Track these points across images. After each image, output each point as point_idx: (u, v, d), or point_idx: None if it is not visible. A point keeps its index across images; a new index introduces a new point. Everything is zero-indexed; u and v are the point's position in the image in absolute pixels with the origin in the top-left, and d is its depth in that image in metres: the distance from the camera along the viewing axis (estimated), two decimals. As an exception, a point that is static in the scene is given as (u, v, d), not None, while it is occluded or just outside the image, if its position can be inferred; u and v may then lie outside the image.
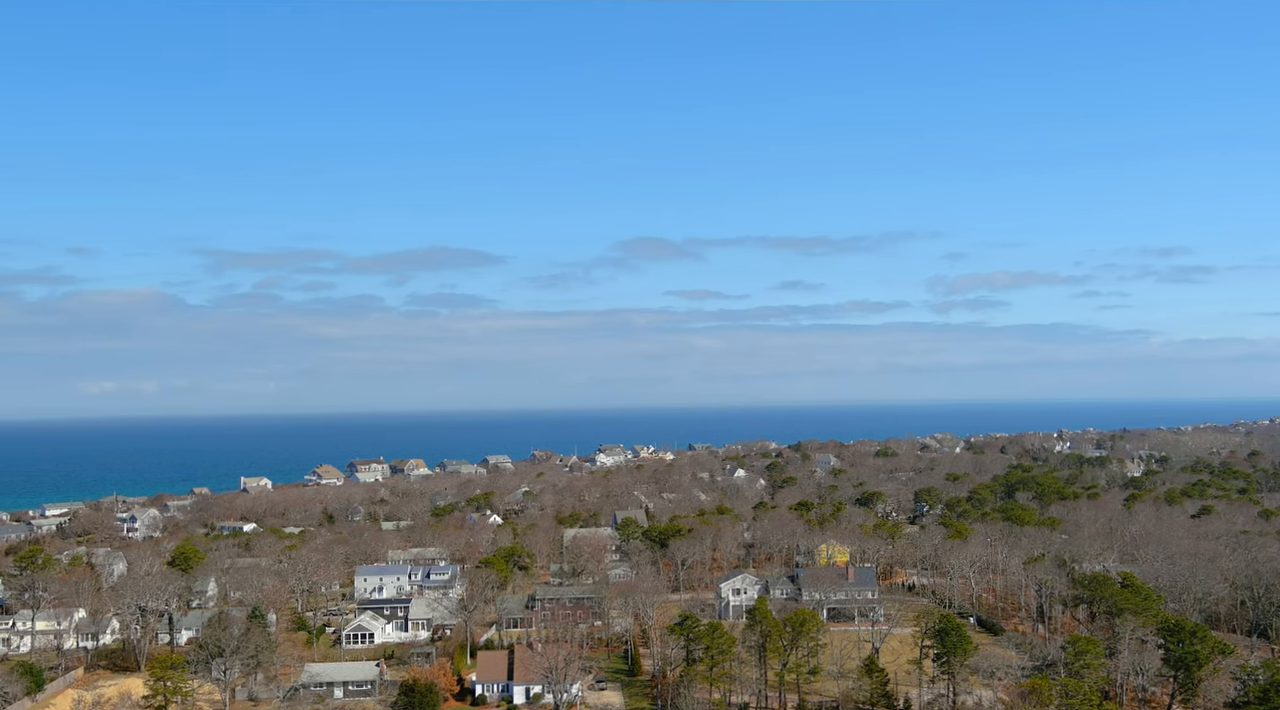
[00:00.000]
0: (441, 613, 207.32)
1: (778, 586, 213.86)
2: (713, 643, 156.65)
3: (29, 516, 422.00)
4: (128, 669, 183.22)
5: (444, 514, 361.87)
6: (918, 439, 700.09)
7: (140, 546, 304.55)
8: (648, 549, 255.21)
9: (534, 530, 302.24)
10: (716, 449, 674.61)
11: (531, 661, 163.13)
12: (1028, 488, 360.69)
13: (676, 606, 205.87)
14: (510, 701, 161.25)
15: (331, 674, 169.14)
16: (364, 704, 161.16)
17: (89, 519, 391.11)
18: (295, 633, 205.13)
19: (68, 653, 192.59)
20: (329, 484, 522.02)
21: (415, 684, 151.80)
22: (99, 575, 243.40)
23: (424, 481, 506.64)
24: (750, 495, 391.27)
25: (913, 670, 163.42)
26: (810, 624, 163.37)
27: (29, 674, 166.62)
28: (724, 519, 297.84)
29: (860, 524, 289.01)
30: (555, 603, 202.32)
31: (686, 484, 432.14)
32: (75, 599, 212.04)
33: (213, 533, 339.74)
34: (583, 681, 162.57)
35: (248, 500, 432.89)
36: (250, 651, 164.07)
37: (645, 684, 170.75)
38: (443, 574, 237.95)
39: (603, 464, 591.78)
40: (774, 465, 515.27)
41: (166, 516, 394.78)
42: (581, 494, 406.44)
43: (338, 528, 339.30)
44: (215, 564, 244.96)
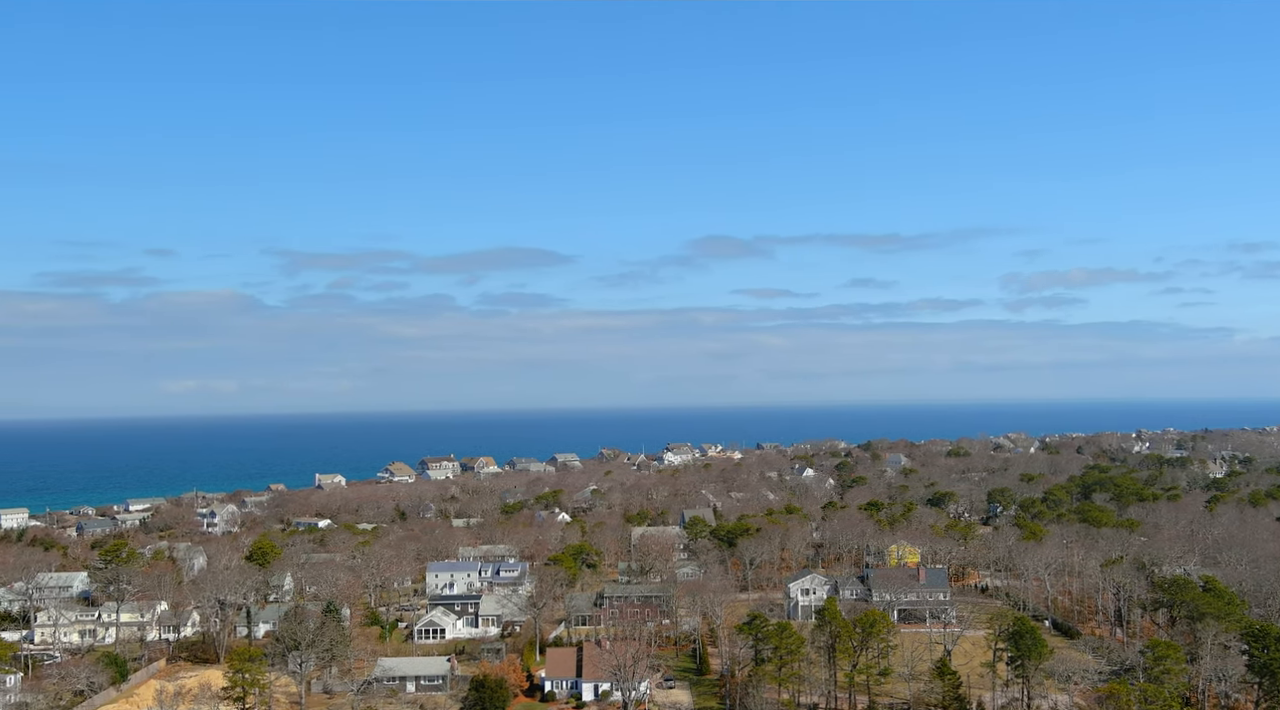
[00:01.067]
0: (511, 609, 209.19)
1: (847, 587, 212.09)
2: (781, 643, 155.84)
3: (114, 511, 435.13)
4: (207, 661, 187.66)
5: (513, 512, 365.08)
6: (991, 439, 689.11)
7: (219, 541, 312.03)
8: (715, 548, 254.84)
9: (602, 528, 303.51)
10: (785, 448, 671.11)
11: (600, 659, 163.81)
12: (1105, 489, 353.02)
13: (744, 606, 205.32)
14: (579, 698, 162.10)
15: (404, 668, 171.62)
16: (435, 698, 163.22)
17: (170, 514, 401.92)
18: (368, 627, 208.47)
19: (150, 644, 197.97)
20: (401, 481, 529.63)
21: (485, 679, 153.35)
22: (180, 569, 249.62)
23: (493, 479, 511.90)
24: (819, 495, 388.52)
25: (986, 673, 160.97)
26: (880, 625, 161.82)
27: (114, 664, 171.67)
28: (792, 519, 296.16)
29: (931, 525, 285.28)
30: (623, 601, 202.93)
31: (754, 483, 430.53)
32: (157, 592, 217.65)
33: (289, 528, 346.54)
34: (651, 679, 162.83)
35: (322, 497, 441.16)
36: (325, 645, 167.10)
37: (713, 683, 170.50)
38: (512, 571, 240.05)
39: (670, 463, 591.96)
40: (843, 465, 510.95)
41: (244, 512, 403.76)
42: (649, 493, 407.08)
43: (409, 524, 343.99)
44: (291, 559, 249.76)
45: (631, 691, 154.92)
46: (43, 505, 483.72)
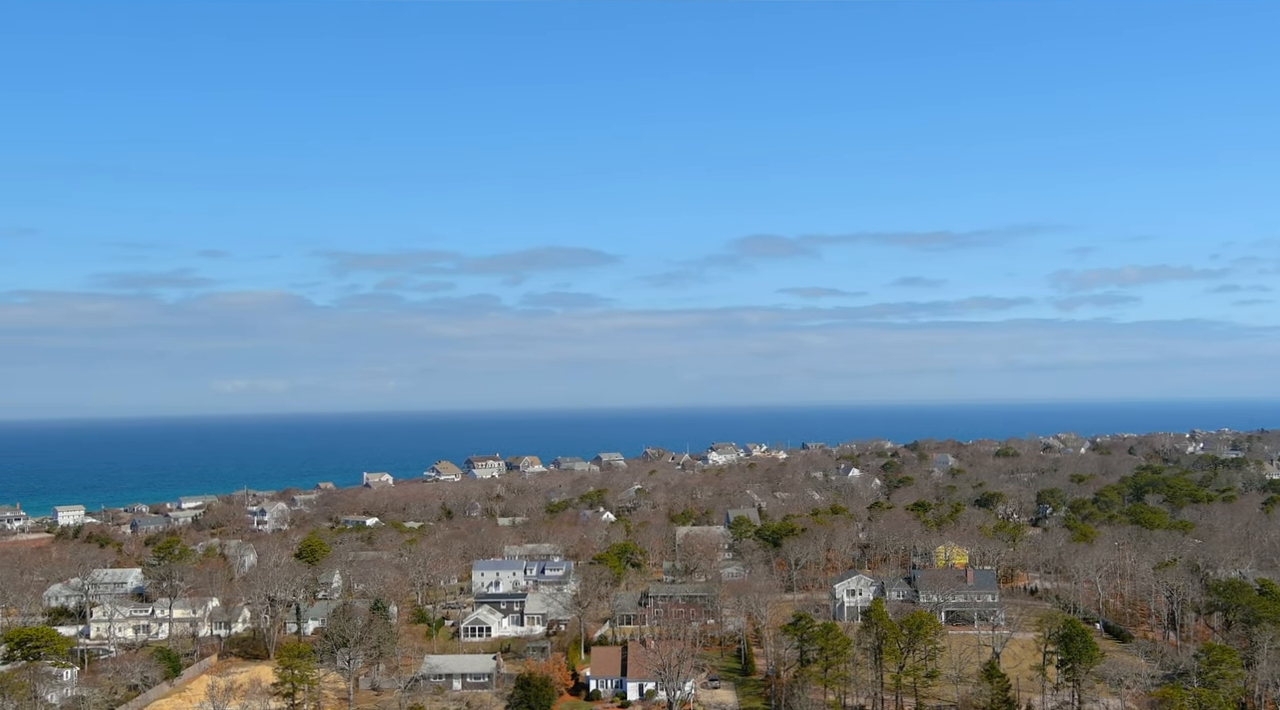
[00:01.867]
0: (556, 608, 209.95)
1: (894, 588, 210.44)
2: (827, 644, 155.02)
3: (166, 509, 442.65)
4: (258, 656, 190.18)
5: (558, 511, 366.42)
6: (1040, 439, 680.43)
7: (269, 539, 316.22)
8: (760, 548, 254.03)
9: (646, 528, 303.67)
10: (830, 448, 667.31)
11: (645, 658, 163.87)
12: (1158, 490, 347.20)
13: (790, 606, 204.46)
14: (624, 697, 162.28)
15: (450, 666, 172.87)
16: (481, 696, 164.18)
17: (222, 512, 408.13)
18: (415, 625, 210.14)
19: (202, 640, 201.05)
20: (447, 480, 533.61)
21: (531, 677, 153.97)
22: (231, 566, 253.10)
23: (538, 478, 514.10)
24: (865, 495, 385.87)
25: (1035, 676, 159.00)
26: (928, 626, 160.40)
27: (167, 660, 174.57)
28: (838, 519, 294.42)
29: (980, 525, 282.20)
30: (668, 600, 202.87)
31: (800, 483, 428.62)
32: (209, 588, 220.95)
33: (337, 526, 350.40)
34: (696, 679, 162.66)
35: (370, 495, 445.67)
36: (373, 642, 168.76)
37: (759, 683, 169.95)
38: (557, 570, 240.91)
39: (715, 462, 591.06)
40: (890, 465, 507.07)
41: (294, 510, 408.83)
42: (694, 492, 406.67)
43: (456, 523, 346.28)
44: (340, 557, 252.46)
45: (676, 691, 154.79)
46: (98, 502, 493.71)
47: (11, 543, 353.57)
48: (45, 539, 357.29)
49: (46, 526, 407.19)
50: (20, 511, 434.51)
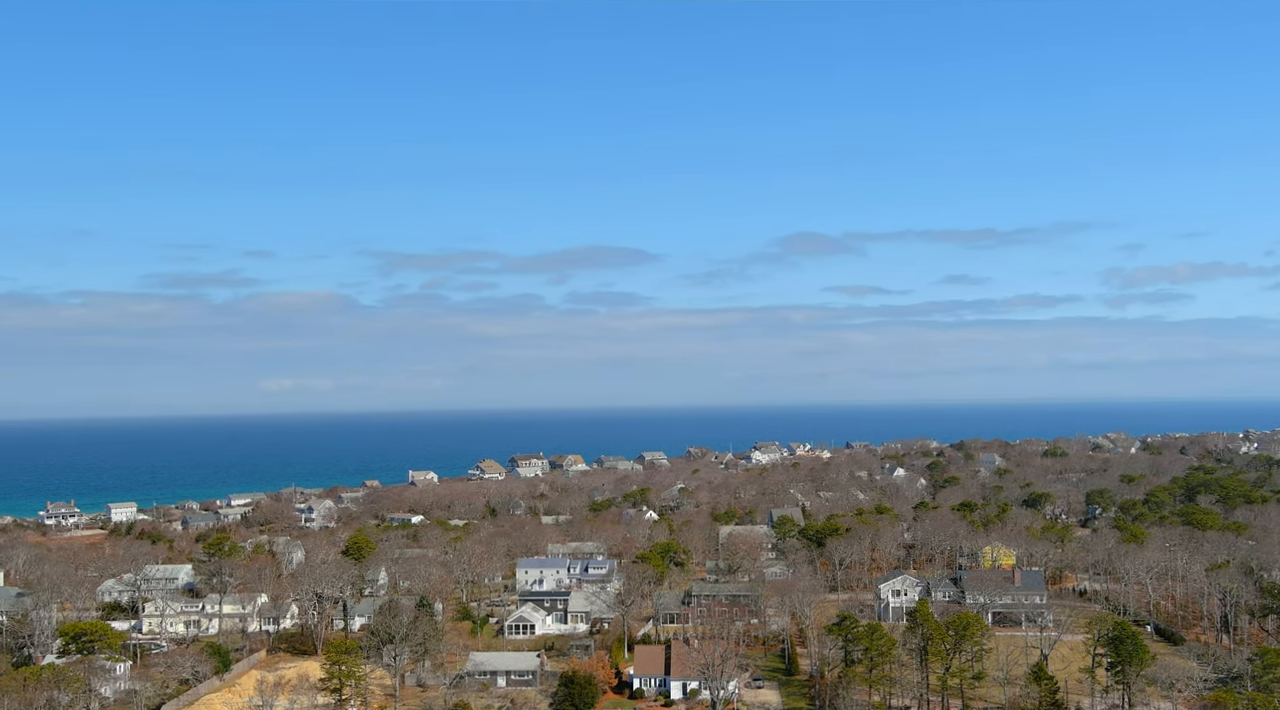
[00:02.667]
0: (599, 606, 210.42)
1: (939, 588, 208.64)
2: (872, 644, 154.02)
3: (216, 506, 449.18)
4: (305, 652, 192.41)
5: (601, 509, 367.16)
6: (1089, 438, 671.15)
7: (316, 536, 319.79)
8: (804, 548, 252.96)
9: (690, 527, 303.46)
10: (875, 447, 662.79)
11: (688, 657, 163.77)
12: (1210, 491, 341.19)
13: (834, 606, 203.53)
14: (667, 696, 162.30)
15: (495, 663, 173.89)
16: (526, 693, 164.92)
17: (270, 509, 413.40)
18: (460, 622, 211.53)
19: (251, 635, 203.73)
20: (491, 478, 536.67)
21: (575, 675, 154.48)
22: (279, 562, 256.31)
23: (582, 477, 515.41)
24: (910, 495, 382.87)
25: (1084, 679, 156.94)
26: (974, 628, 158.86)
27: (217, 654, 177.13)
28: (883, 519, 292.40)
29: (1027, 526, 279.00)
30: (711, 599, 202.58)
31: (844, 483, 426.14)
32: (258, 584, 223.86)
33: (383, 524, 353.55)
34: (739, 679, 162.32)
35: (415, 493, 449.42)
36: (419, 639, 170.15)
37: (803, 684, 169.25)
38: (600, 568, 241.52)
39: (758, 461, 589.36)
40: (935, 465, 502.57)
41: (340, 507, 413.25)
42: (737, 491, 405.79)
43: (500, 521, 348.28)
44: (385, 554, 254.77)
45: (720, 690, 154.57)
46: (150, 499, 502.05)
47: (66, 539, 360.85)
48: (99, 535, 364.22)
49: (100, 523, 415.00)
50: (75, 508, 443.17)
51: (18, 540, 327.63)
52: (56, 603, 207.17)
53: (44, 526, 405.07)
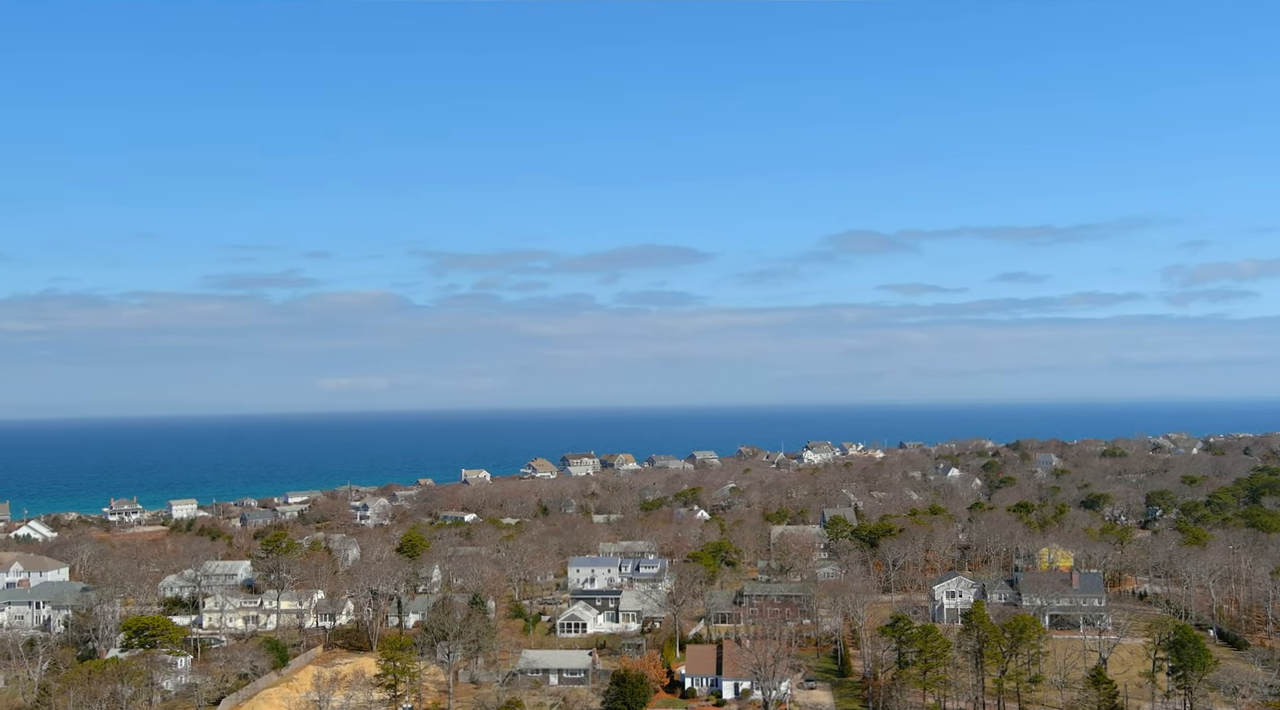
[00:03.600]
0: (651, 605, 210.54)
1: (995, 590, 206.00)
2: (926, 646, 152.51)
3: (274, 503, 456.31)
4: (361, 648, 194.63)
5: (652, 508, 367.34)
6: (1149, 439, 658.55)
7: (371, 533, 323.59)
8: (857, 548, 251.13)
9: (741, 526, 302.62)
10: (929, 447, 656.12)
11: (740, 657, 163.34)
12: (1276, 492, 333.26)
13: (887, 607, 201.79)
14: (719, 696, 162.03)
15: (547, 661, 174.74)
16: (578, 691, 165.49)
17: (326, 506, 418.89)
18: (512, 620, 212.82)
19: (308, 631, 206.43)
20: (543, 477, 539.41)
21: (627, 674, 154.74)
22: (335, 559, 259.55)
23: (633, 476, 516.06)
24: (965, 495, 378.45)
25: (1144, 683, 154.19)
26: (1031, 630, 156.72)
27: (275, 650, 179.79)
28: (937, 519, 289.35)
29: (1085, 528, 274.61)
30: (763, 599, 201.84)
31: (897, 483, 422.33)
32: (314, 581, 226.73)
33: (436, 522, 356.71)
34: (792, 679, 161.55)
35: (468, 491, 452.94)
36: (472, 636, 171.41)
37: (856, 685, 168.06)
38: (652, 567, 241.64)
39: (810, 461, 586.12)
40: (990, 465, 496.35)
41: (395, 505, 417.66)
42: (789, 491, 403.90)
43: (551, 519, 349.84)
44: (439, 552, 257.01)
45: (772, 691, 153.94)
46: (210, 496, 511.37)
47: (129, 535, 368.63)
48: (160, 531, 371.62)
49: (161, 520, 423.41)
50: (137, 504, 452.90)
51: (83, 536, 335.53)
52: (120, 597, 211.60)
53: (108, 523, 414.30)
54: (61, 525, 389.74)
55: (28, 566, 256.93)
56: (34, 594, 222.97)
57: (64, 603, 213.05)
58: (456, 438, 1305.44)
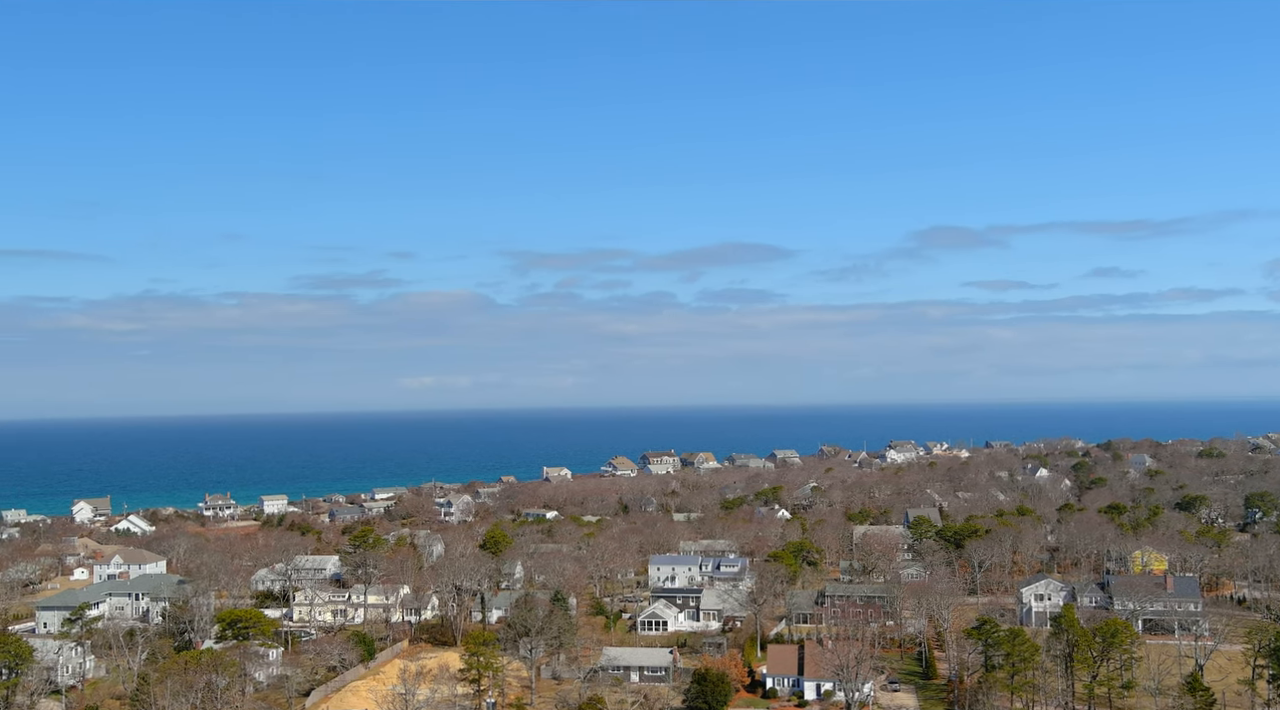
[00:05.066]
0: (731, 604, 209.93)
1: (1085, 594, 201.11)
2: (1014, 649, 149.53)
3: (361, 499, 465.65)
4: (445, 643, 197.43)
5: (733, 507, 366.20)
6: (1248, 439, 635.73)
7: (455, 530, 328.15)
8: (942, 549, 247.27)
9: (823, 526, 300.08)
10: (1016, 447, 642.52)
11: (822, 658, 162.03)
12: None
13: (973, 610, 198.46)
14: (801, 696, 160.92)
15: (628, 658, 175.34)
16: (659, 689, 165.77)
17: (411, 503, 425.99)
18: (593, 617, 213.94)
19: (394, 625, 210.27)
20: (623, 475, 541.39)
21: (708, 673, 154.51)
22: (420, 555, 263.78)
23: (713, 474, 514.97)
24: (1054, 496, 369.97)
25: (1243, 692, 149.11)
26: (1123, 635, 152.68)
27: (362, 643, 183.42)
28: (1025, 520, 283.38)
29: (1180, 530, 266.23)
30: (845, 600, 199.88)
31: (983, 483, 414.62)
32: (400, 576, 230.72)
33: (518, 519, 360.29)
34: (875, 681, 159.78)
35: (549, 489, 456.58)
36: (553, 633, 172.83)
37: (940, 688, 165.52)
38: (732, 566, 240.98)
39: (893, 460, 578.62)
40: (1080, 465, 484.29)
41: (478, 502, 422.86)
42: (871, 491, 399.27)
43: (632, 517, 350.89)
44: (521, 548, 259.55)
45: (855, 692, 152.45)
46: (299, 492, 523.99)
47: (223, 529, 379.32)
48: (253, 526, 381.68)
49: (254, 515, 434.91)
50: (230, 500, 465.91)
51: (179, 530, 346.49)
52: (214, 590, 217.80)
53: (203, 517, 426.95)
54: (159, 520, 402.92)
55: (128, 559, 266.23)
56: (133, 586, 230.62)
57: (162, 595, 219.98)
58: (538, 436, 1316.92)
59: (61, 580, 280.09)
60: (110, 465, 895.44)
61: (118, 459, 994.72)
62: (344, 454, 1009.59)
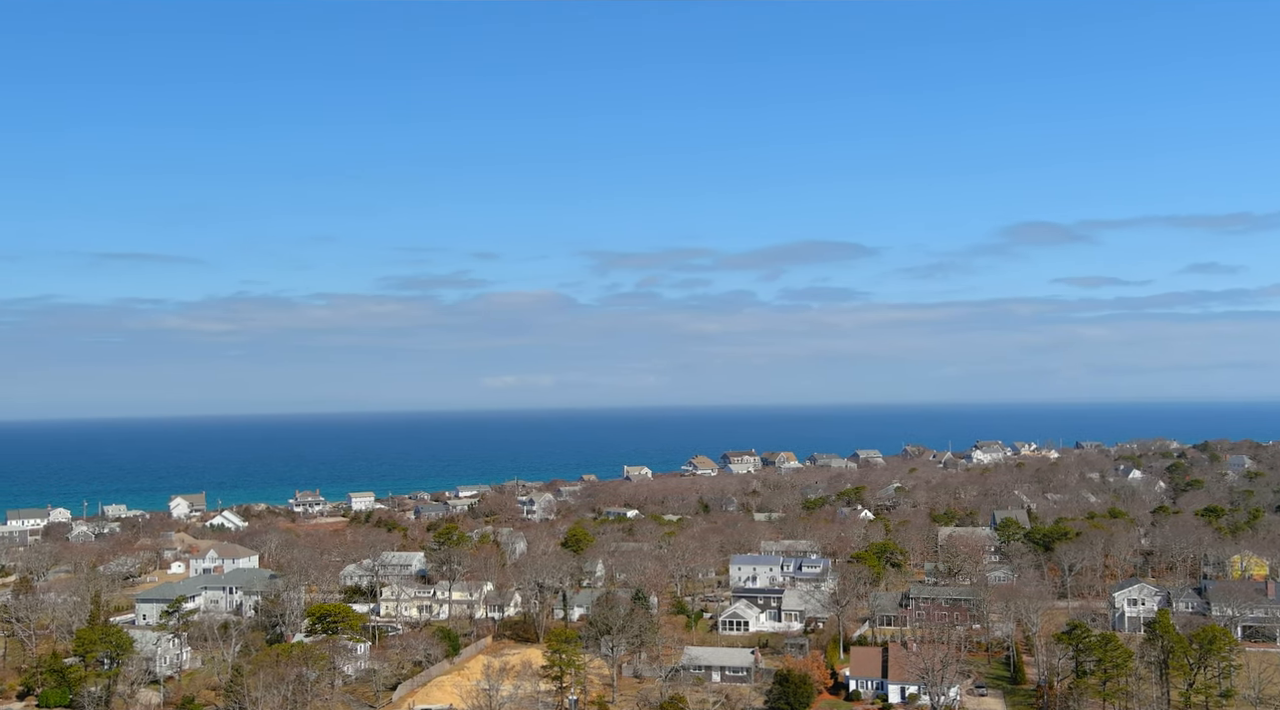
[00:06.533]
0: (813, 605, 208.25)
1: (1181, 599, 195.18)
2: (1106, 655, 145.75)
3: (445, 497, 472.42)
4: (528, 640, 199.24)
5: (814, 507, 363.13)
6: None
7: (537, 527, 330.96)
8: (1030, 552, 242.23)
9: (906, 527, 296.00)
10: (1107, 448, 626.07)
11: (907, 661, 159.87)
12: None
13: (1063, 614, 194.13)
14: (885, 700, 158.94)
15: (709, 658, 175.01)
16: (740, 689, 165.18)
17: (494, 501, 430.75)
18: (674, 616, 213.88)
19: (478, 622, 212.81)
20: (703, 474, 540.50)
21: (790, 674, 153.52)
22: (503, 552, 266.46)
23: (794, 474, 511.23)
24: (1148, 499, 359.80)
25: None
26: (1221, 642, 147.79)
27: (447, 639, 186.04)
28: (1117, 523, 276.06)
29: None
30: (930, 602, 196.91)
31: (1073, 484, 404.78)
32: (484, 573, 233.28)
33: (599, 517, 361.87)
34: (961, 685, 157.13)
35: (630, 487, 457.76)
36: (635, 631, 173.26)
37: (1029, 693, 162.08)
38: (814, 567, 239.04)
39: (979, 461, 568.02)
40: (1176, 466, 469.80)
41: (559, 500, 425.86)
42: (957, 491, 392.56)
43: (712, 517, 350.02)
44: (602, 547, 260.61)
45: (941, 696, 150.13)
46: (386, 490, 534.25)
47: (313, 525, 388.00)
48: (341, 522, 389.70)
49: (342, 511, 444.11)
50: (319, 497, 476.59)
51: (270, 526, 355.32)
52: (304, 585, 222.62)
53: (293, 513, 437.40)
54: (251, 515, 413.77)
55: (222, 554, 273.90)
56: (227, 580, 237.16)
57: (254, 589, 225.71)
58: (619, 435, 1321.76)
59: (159, 573, 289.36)
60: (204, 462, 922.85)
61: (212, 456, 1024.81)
62: (429, 452, 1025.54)
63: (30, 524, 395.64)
